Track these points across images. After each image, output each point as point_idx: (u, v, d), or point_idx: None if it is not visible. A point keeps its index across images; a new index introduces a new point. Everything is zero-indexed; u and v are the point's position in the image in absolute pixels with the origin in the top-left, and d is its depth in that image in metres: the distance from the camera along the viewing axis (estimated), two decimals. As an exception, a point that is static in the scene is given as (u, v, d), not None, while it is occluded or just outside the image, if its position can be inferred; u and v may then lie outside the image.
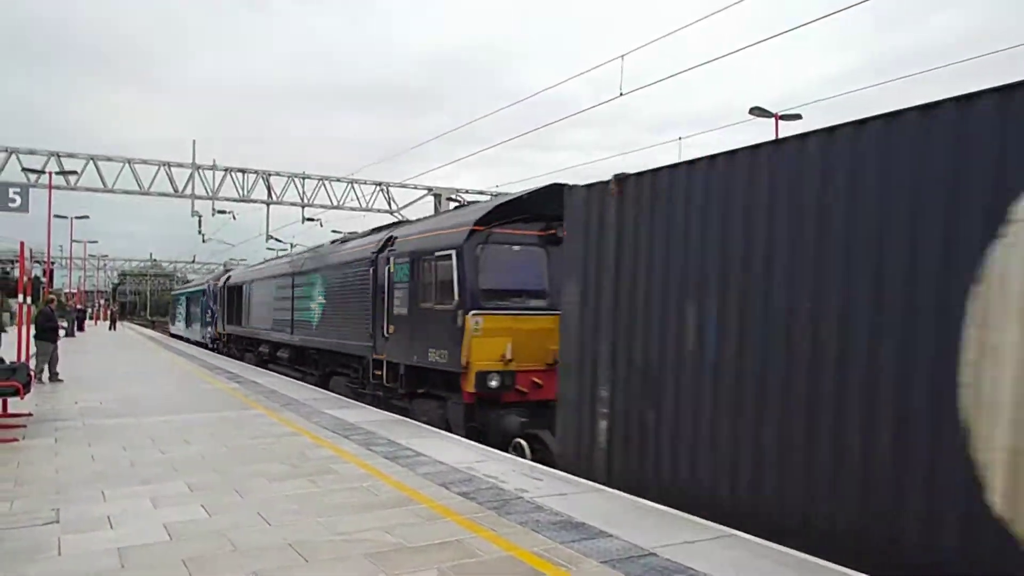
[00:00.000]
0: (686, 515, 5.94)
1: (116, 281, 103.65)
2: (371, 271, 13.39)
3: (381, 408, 12.28)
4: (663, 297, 6.87)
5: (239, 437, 9.29)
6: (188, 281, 64.50)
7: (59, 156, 27.84)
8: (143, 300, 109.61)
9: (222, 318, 29.71)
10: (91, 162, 28.31)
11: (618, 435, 7.33)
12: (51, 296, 18.13)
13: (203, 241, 40.41)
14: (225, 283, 29.81)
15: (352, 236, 17.72)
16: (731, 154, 6.25)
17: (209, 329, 33.32)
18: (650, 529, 5.51)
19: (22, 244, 18.31)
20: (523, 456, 9.15)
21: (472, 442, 9.13)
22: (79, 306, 51.44)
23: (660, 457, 6.83)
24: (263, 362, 22.29)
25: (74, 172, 28.14)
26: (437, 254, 10.89)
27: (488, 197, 34.32)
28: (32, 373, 11.09)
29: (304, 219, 34.50)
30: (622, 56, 15.75)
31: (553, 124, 33.20)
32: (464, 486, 6.77)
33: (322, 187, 32.05)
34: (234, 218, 37.29)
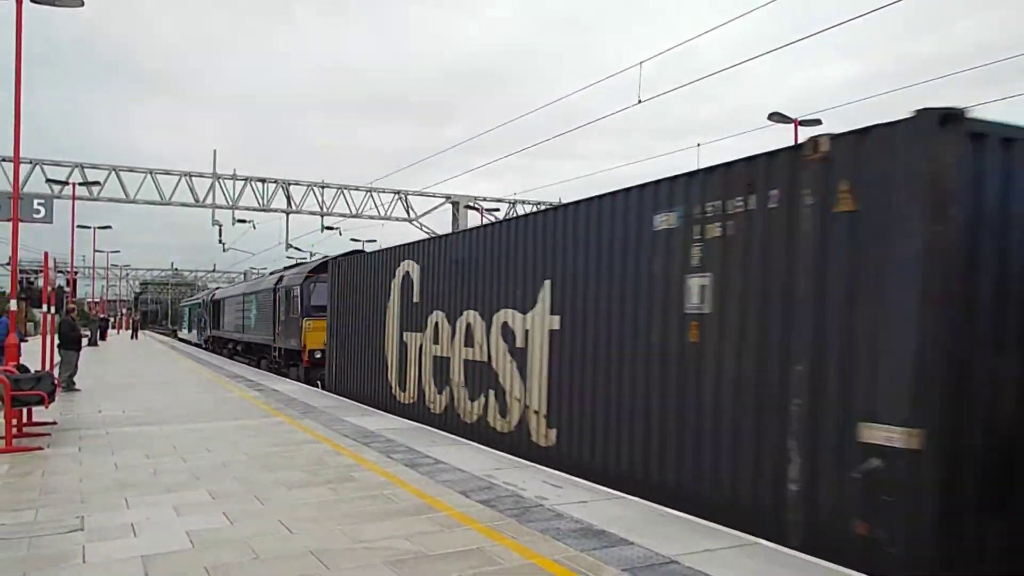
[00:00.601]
0: (708, 523, 5.91)
1: (138, 290, 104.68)
2: (273, 295, 23.28)
3: (275, 373, 21.55)
4: (344, 313, 15.61)
5: (260, 445, 9.35)
6: (203, 290, 66.98)
7: (82, 167, 28.23)
8: (164, 309, 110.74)
9: (209, 324, 39.46)
10: (113, 173, 28.68)
11: (338, 372, 15.99)
12: (72, 306, 18.32)
13: (224, 250, 40.90)
14: (211, 299, 39.91)
15: (274, 272, 27.58)
16: (349, 255, 17.14)
17: (203, 333, 42.36)
18: (671, 537, 5.48)
19: (46, 254, 18.60)
20: (319, 388, 17.30)
21: (492, 450, 9.16)
22: (102, 315, 52.02)
23: (351, 379, 15.16)
24: (231, 355, 31.73)
25: (97, 183, 28.51)
26: (293, 287, 20.78)
27: (506, 205, 34.41)
28: (57, 382, 11.22)
29: (323, 228, 34.77)
30: (640, 63, 15.76)
31: (570, 132, 33.18)
32: (484, 494, 6.77)
33: (341, 196, 32.25)
34: (254, 227, 37.75)
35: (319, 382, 18.07)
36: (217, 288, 48.66)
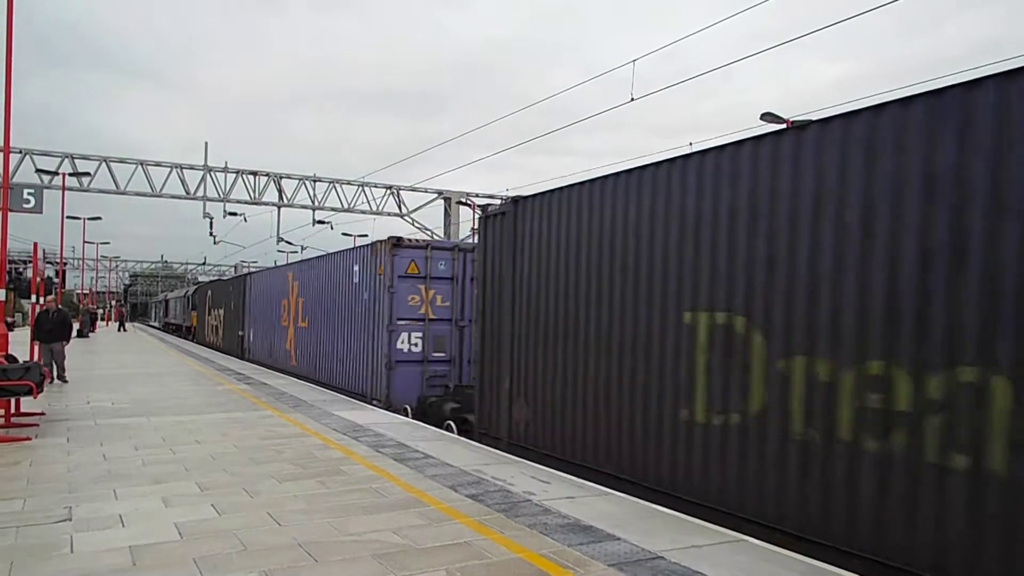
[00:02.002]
0: (695, 520, 5.95)
1: (128, 282, 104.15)
2: (184, 299, 49.69)
3: (183, 338, 43.83)
4: (200, 309, 39.73)
5: (249, 438, 9.34)
6: (191, 283, 72.28)
7: (73, 157, 28.06)
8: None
9: (163, 315, 63.74)
10: (104, 164, 28.52)
11: (197, 333, 39.95)
12: (51, 299, 17.83)
13: (214, 243, 40.79)
14: (164, 299, 66.23)
15: (193, 286, 58.56)
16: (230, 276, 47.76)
17: (161, 320, 65.02)
18: (658, 533, 5.52)
19: (35, 245, 18.48)
20: (190, 341, 40.25)
21: (481, 445, 9.19)
22: (92, 307, 51.79)
23: (202, 336, 38.41)
24: (172, 332, 51.95)
25: (87, 174, 28.32)
26: (192, 295, 45.42)
27: (499, 200, 34.40)
28: (46, 372, 11.17)
29: (315, 222, 34.63)
30: (633, 61, 15.80)
31: (563, 129, 33.33)
32: (472, 488, 6.80)
33: (333, 190, 32.17)
34: (245, 220, 37.57)
35: (193, 338, 38.35)
36: (168, 293, 72.14)
